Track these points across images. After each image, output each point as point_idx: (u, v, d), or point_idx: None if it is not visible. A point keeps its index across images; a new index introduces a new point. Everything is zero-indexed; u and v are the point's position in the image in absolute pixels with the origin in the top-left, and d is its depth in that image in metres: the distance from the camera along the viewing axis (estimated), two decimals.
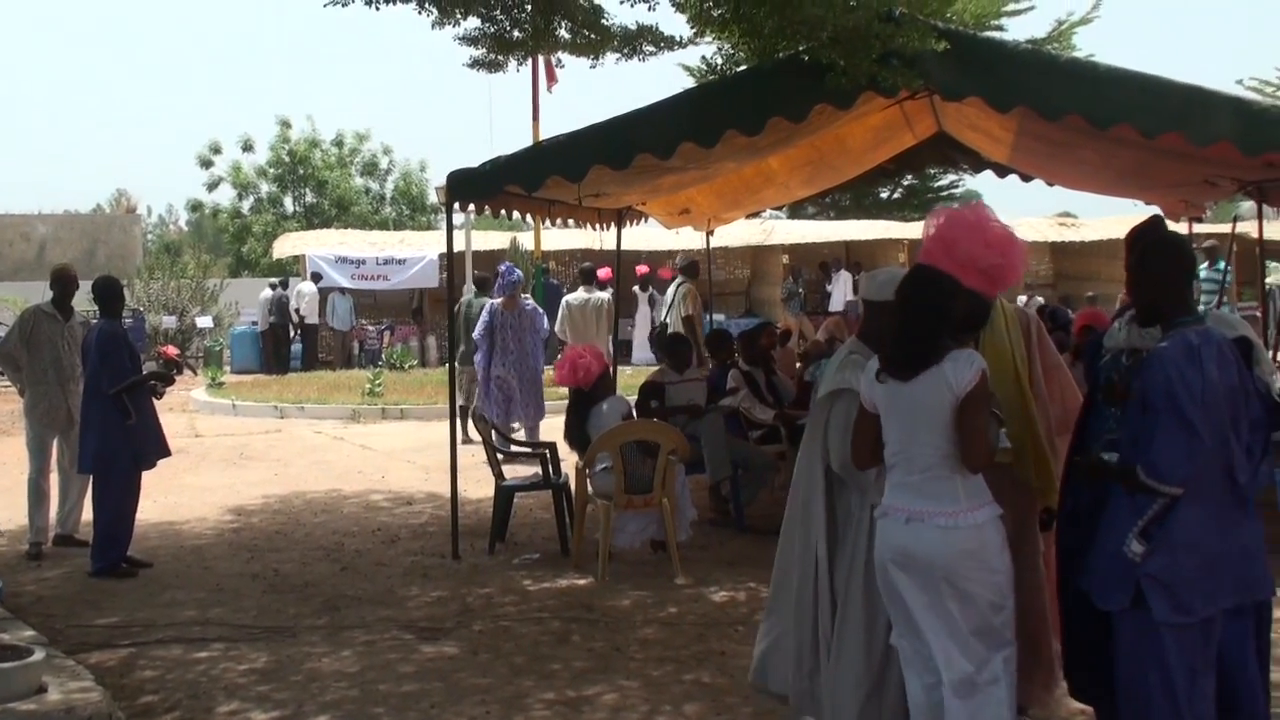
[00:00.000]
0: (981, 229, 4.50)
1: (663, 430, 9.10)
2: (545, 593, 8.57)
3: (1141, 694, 4.53)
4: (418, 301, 30.27)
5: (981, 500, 4.49)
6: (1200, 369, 4.42)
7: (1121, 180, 13.54)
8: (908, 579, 4.54)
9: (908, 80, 8.09)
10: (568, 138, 9.08)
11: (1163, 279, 4.69)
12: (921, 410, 4.45)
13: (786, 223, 32.83)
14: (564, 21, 9.16)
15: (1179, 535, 4.46)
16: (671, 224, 15.54)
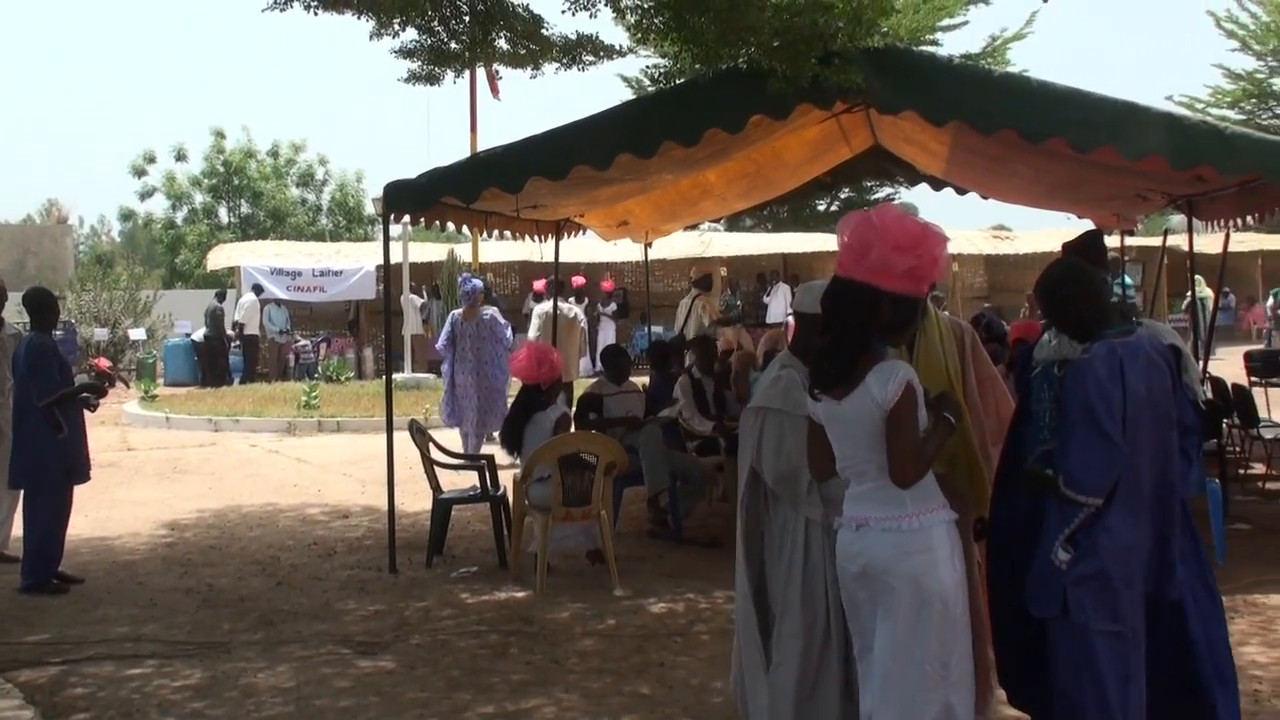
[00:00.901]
0: (890, 232, 4.43)
1: (601, 442, 9.10)
2: (483, 605, 8.53)
3: (1076, 702, 4.58)
4: (354, 313, 30.12)
5: (931, 505, 4.49)
6: (1120, 379, 4.48)
7: (1055, 194, 13.71)
8: (862, 586, 4.54)
9: (850, 78, 8.11)
10: (505, 149, 9.06)
11: (1071, 300, 4.77)
12: (854, 425, 4.46)
13: (724, 235, 32.97)
14: (503, 32, 9.16)
15: (1106, 543, 4.52)
16: (610, 236, 15.56)
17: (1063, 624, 4.59)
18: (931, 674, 4.44)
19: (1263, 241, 34.82)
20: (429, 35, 9.06)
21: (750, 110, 8.46)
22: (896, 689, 4.45)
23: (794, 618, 5.05)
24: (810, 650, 5.01)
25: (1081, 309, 4.76)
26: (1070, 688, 4.59)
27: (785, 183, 14.79)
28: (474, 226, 11.98)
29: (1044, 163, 10.55)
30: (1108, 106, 8.25)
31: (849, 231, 4.54)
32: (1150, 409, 4.54)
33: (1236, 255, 28.68)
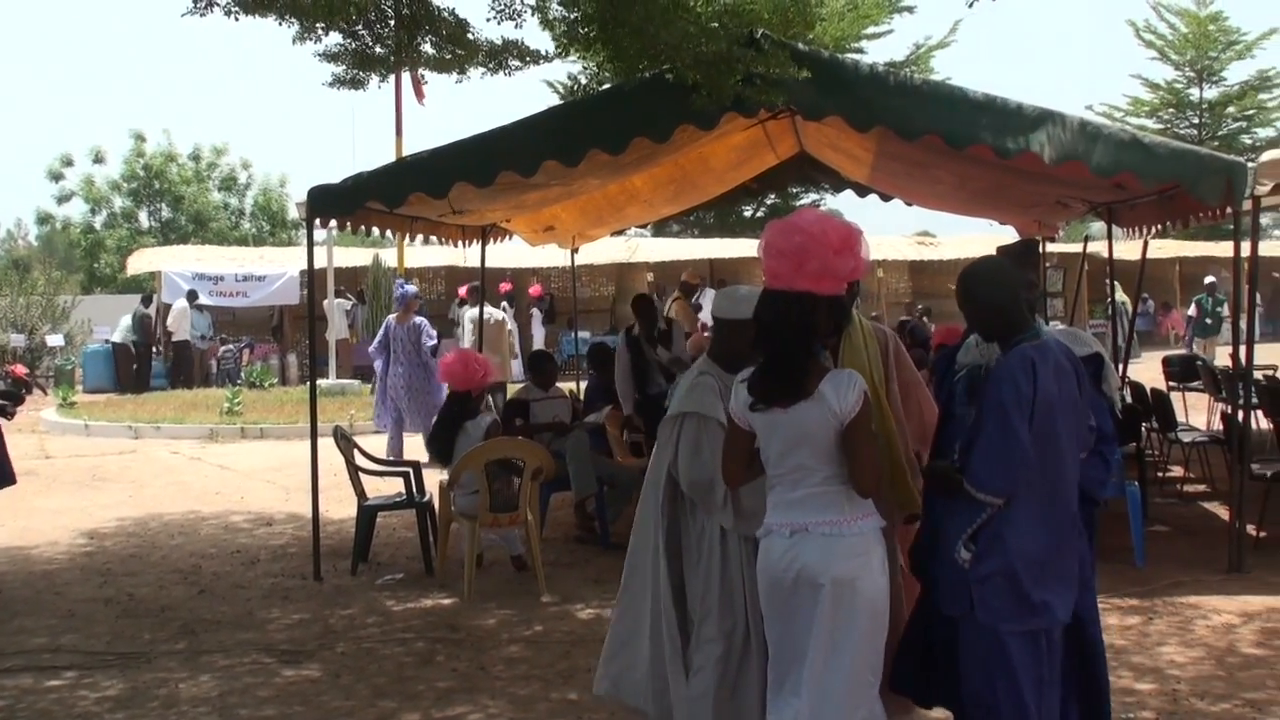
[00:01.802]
0: (827, 237, 4.43)
1: (527, 448, 9.08)
2: (409, 613, 8.47)
3: (989, 703, 4.60)
4: (278, 319, 29.84)
5: (865, 511, 4.51)
6: (1034, 383, 4.52)
7: (977, 200, 13.87)
8: (794, 593, 4.51)
9: (771, 98, 8.18)
10: (430, 154, 9.02)
11: (988, 305, 4.79)
12: (804, 434, 4.42)
13: (651, 240, 33.04)
14: (428, 37, 9.10)
15: (1014, 543, 4.54)
16: (536, 241, 15.54)
17: (973, 622, 4.62)
18: (865, 679, 4.47)
19: (1181, 248, 35.45)
20: (353, 39, 8.97)
21: (677, 119, 8.49)
22: (833, 695, 4.45)
23: (713, 623, 5.05)
24: (730, 655, 5.02)
25: (1001, 309, 4.77)
26: (983, 688, 4.61)
27: (712, 188, 14.86)
28: (399, 231, 11.91)
29: (967, 169, 10.68)
30: (1029, 114, 8.38)
31: (780, 241, 4.50)
32: (1059, 413, 4.57)
33: (1155, 262, 29.14)
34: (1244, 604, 8.03)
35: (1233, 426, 9.75)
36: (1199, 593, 8.31)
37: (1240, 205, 8.63)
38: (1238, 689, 6.45)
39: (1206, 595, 8.24)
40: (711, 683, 5.02)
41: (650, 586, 5.31)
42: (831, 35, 23.45)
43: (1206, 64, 37.49)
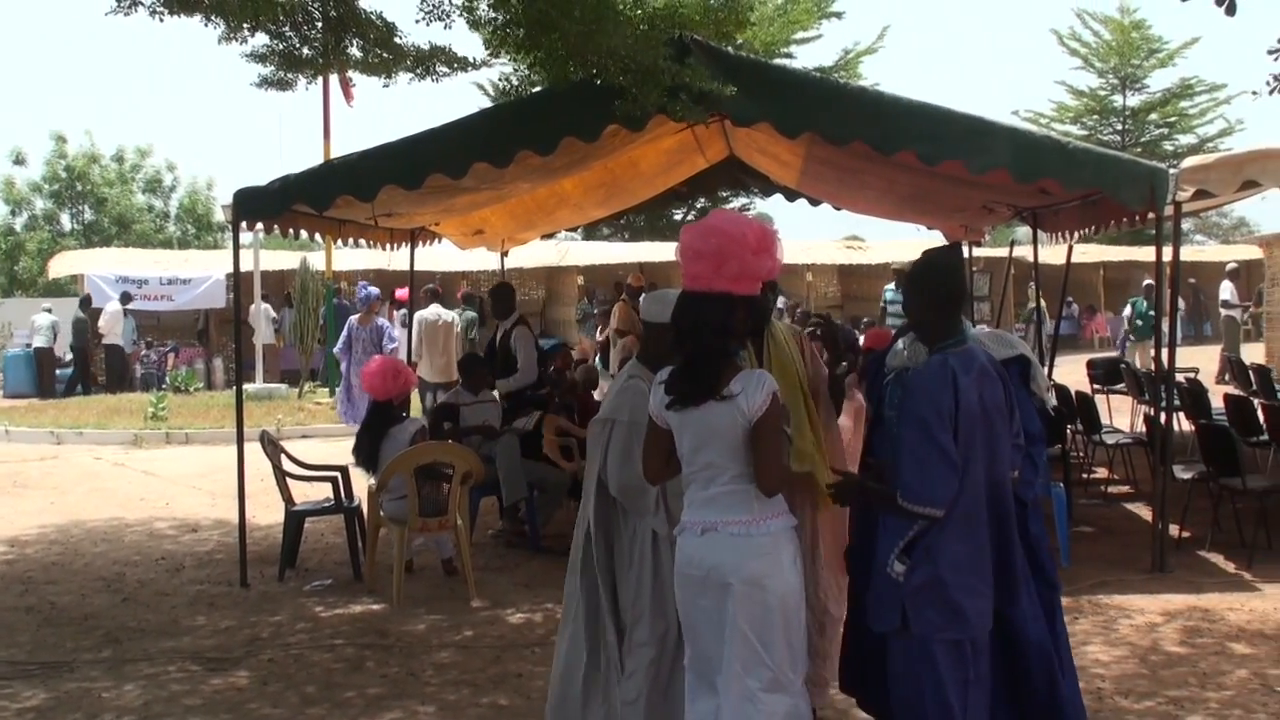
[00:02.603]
0: (745, 238, 4.45)
1: (457, 452, 9.03)
2: (338, 619, 8.41)
3: (917, 709, 4.63)
4: (203, 322, 29.50)
5: (776, 510, 4.53)
6: (954, 392, 4.53)
7: (905, 205, 14.00)
8: (704, 592, 4.54)
9: (696, 115, 8.23)
10: (359, 156, 8.96)
11: (930, 301, 4.81)
12: (714, 432, 4.46)
13: (581, 244, 33.04)
14: (355, 40, 9.04)
15: (942, 552, 4.55)
16: (465, 244, 15.49)
17: (903, 635, 4.63)
18: (781, 677, 4.48)
19: (1104, 253, 35.99)
20: (280, 41, 8.90)
21: (606, 120, 8.49)
22: (744, 690, 4.47)
23: (645, 627, 5.06)
24: (662, 659, 5.02)
25: (943, 305, 4.79)
26: (911, 694, 4.64)
27: (642, 192, 14.88)
28: (327, 234, 11.82)
29: (894, 174, 10.77)
30: (955, 120, 8.46)
31: (697, 243, 4.52)
32: (983, 420, 4.58)
33: (1079, 266, 29.48)
34: (1166, 603, 8.15)
35: (1155, 429, 9.90)
36: (1123, 592, 8.43)
37: (1162, 210, 8.76)
38: (1160, 687, 6.54)
39: (1130, 594, 8.36)
40: (644, 686, 5.03)
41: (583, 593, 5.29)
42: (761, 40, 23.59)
43: (1129, 71, 38.09)
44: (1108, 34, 37.98)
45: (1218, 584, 8.64)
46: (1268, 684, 6.55)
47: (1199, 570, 9.03)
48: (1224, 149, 24.30)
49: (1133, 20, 37.80)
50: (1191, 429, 10.95)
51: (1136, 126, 38.65)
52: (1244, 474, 9.29)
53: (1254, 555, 9.18)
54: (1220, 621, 7.73)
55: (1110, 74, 38.50)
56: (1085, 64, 38.82)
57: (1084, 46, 38.45)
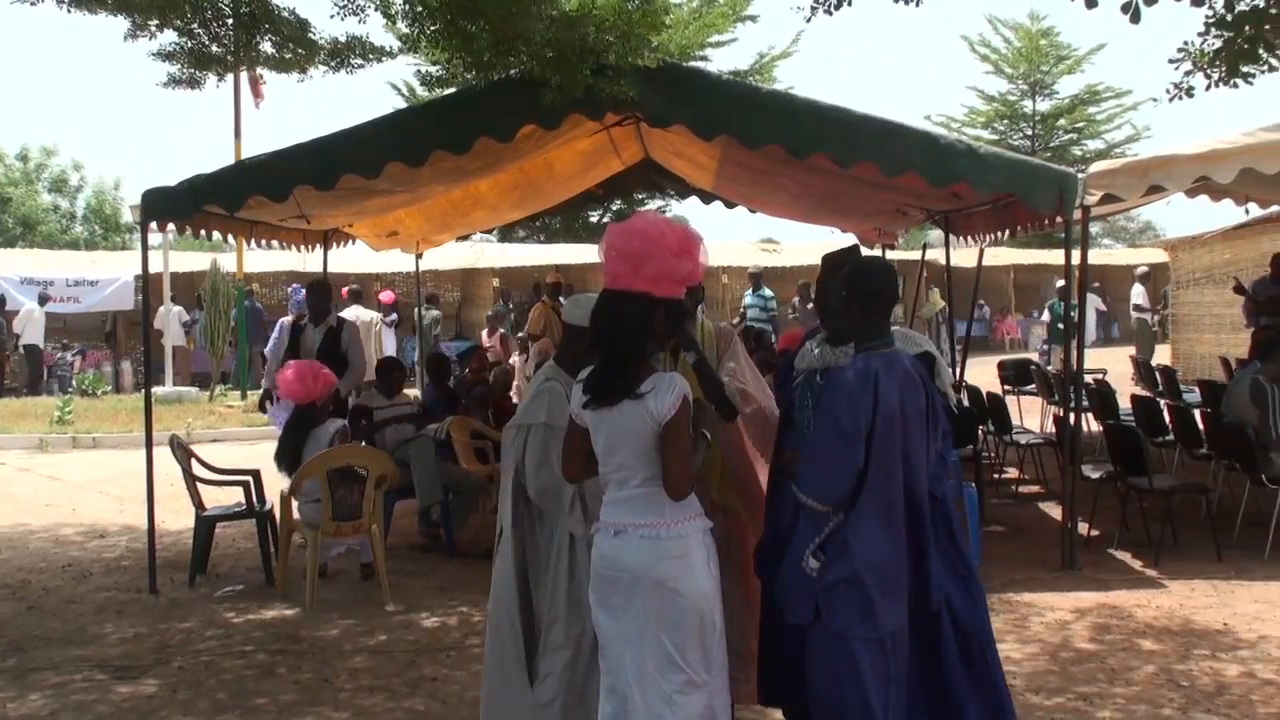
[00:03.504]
0: (665, 239, 4.44)
1: (371, 455, 8.95)
2: (249, 625, 8.30)
3: (836, 704, 4.65)
4: (111, 325, 29.02)
5: (689, 513, 4.53)
6: (874, 394, 4.57)
7: (819, 208, 14.10)
8: (617, 592, 4.53)
9: (623, 90, 8.17)
10: (271, 156, 8.86)
11: (859, 303, 4.85)
12: (626, 434, 4.46)
13: (497, 246, 32.94)
14: (268, 36, 8.93)
15: (859, 550, 4.59)
16: (380, 246, 15.38)
17: (819, 630, 4.67)
18: (694, 678, 4.48)
19: (1015, 256, 36.49)
20: (189, 38, 8.77)
21: (522, 119, 8.46)
22: (659, 693, 4.46)
23: (560, 630, 5.04)
24: (577, 662, 5.01)
25: (871, 309, 4.83)
26: (831, 692, 4.66)
27: (557, 194, 14.86)
28: (239, 235, 11.67)
29: (809, 177, 10.84)
30: (869, 124, 8.53)
31: (619, 243, 4.51)
32: (903, 422, 4.63)
33: (991, 269, 29.90)
34: (1076, 600, 8.27)
35: (1064, 429, 10.05)
36: (1034, 590, 8.53)
37: (1071, 214, 8.89)
38: (1071, 683, 6.63)
39: (1041, 592, 8.47)
40: (559, 689, 5.01)
41: (504, 597, 5.26)
42: (677, 43, 23.61)
43: (1039, 77, 38.68)
44: (1017, 40, 38.54)
45: (1125, 581, 8.79)
46: (1174, 679, 6.66)
47: (1107, 568, 9.18)
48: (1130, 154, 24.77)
49: (1041, 27, 38.40)
50: (1100, 429, 11.13)
51: (1046, 131, 39.26)
52: (1150, 473, 9.44)
53: (1160, 553, 9.33)
54: (1128, 618, 7.86)
55: (1020, 80, 39.08)
56: (996, 70, 39.38)
57: (994, 53, 39.00)
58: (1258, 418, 9.73)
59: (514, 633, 5.15)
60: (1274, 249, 18.71)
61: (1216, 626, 7.66)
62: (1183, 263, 25.36)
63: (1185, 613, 7.96)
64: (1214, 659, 7.01)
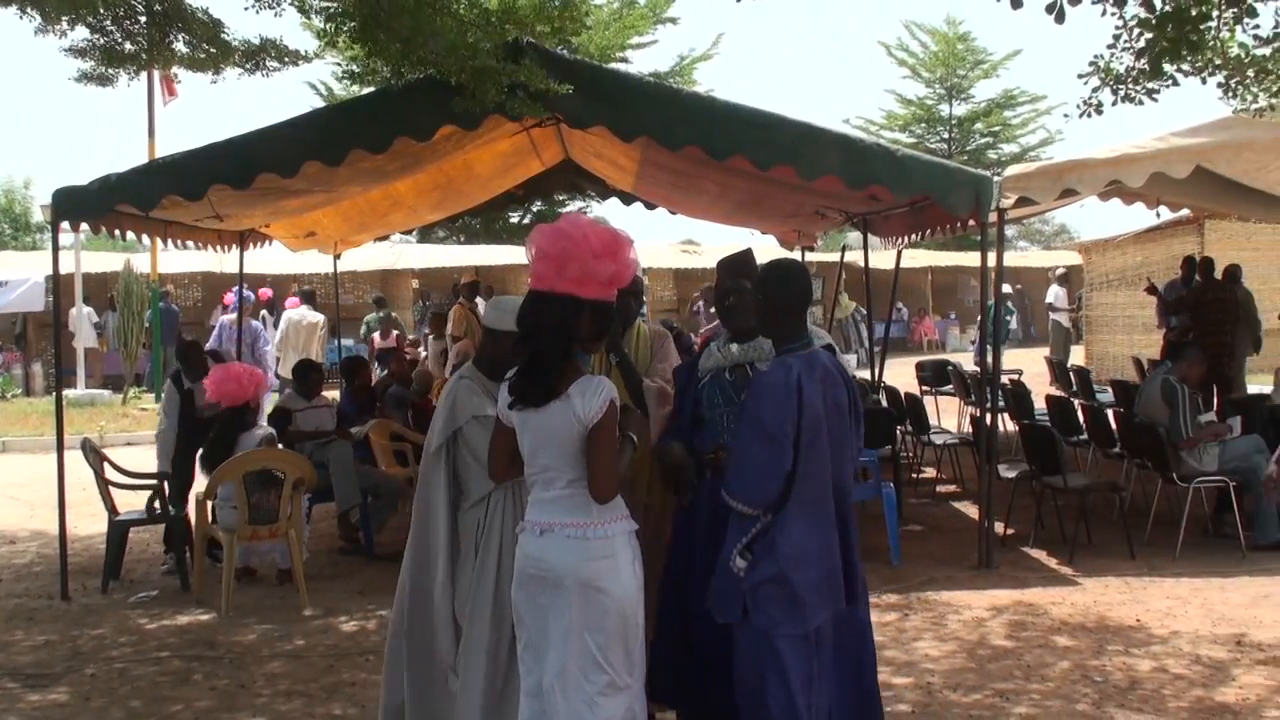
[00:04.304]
0: (589, 241, 4.45)
1: (288, 458, 8.86)
2: (164, 631, 8.18)
3: (761, 703, 4.68)
4: (21, 326, 28.46)
5: (615, 514, 4.53)
6: (797, 393, 4.61)
7: (739, 210, 14.15)
8: (541, 591, 4.52)
9: (533, 111, 8.20)
10: (186, 155, 8.73)
11: (777, 305, 4.88)
12: (552, 436, 4.45)
13: (416, 247, 32.73)
14: (181, 34, 8.82)
15: (785, 549, 4.62)
16: (297, 247, 15.22)
17: (747, 629, 4.69)
18: (616, 679, 4.48)
19: (933, 258, 36.89)
20: (101, 35, 8.64)
21: (441, 120, 8.41)
22: (581, 694, 4.46)
23: (482, 627, 5.02)
24: (498, 659, 4.99)
25: (789, 310, 4.88)
26: (755, 689, 4.69)
27: (477, 195, 14.79)
28: (153, 235, 11.49)
29: (729, 180, 10.88)
30: (787, 127, 8.58)
31: (544, 243, 4.51)
32: (826, 421, 4.68)
33: (909, 271, 30.23)
34: (993, 598, 8.36)
35: (981, 429, 10.16)
36: (951, 588, 8.62)
37: (987, 217, 9.00)
38: (988, 680, 6.70)
39: (958, 590, 8.56)
40: (479, 688, 4.99)
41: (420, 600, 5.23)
42: (597, 44, 23.63)
43: (955, 82, 39.10)
44: (934, 45, 38.94)
45: (1041, 579, 8.90)
46: (1088, 674, 6.76)
47: (1023, 566, 9.29)
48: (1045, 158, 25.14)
49: (958, 32, 38.82)
50: (1016, 429, 11.27)
51: (962, 135, 39.69)
52: (1065, 472, 9.58)
53: (1075, 551, 9.46)
54: (1044, 615, 7.96)
55: (937, 84, 39.47)
56: (913, 74, 39.76)
57: (912, 57, 39.37)
58: (1169, 417, 9.90)
59: (436, 633, 5.13)
60: (1184, 251, 19.16)
61: (1129, 623, 7.78)
62: (1096, 265, 25.81)
63: (1099, 609, 8.08)
64: (1127, 654, 7.12)
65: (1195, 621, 7.78)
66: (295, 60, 8.96)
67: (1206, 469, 9.57)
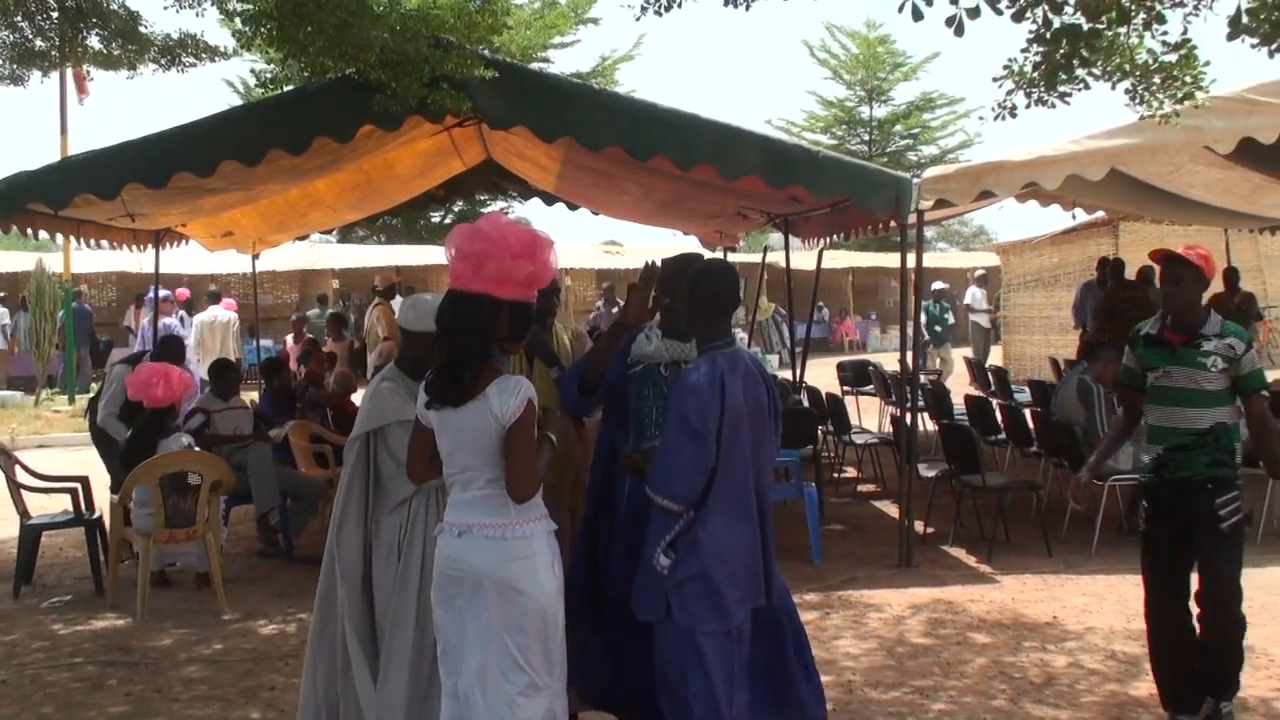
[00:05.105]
0: (506, 241, 4.44)
1: (206, 460, 8.74)
2: (78, 636, 8.04)
3: (683, 699, 4.70)
4: None
5: (534, 515, 4.52)
6: (721, 391, 4.65)
7: (662, 211, 14.18)
8: (460, 593, 4.50)
9: (457, 104, 8.15)
10: (99, 153, 8.59)
11: (702, 304, 4.91)
12: (469, 436, 4.44)
13: (336, 246, 32.48)
14: (95, 31, 8.69)
15: (708, 546, 4.66)
16: (214, 246, 15.04)
17: (670, 626, 4.71)
18: (536, 680, 4.47)
19: (853, 259, 37.17)
20: (12, 31, 8.50)
21: (361, 120, 8.35)
22: (501, 694, 4.44)
23: (406, 631, 5.00)
24: (421, 664, 4.97)
25: (716, 309, 4.92)
26: (678, 687, 4.71)
27: (397, 194, 14.72)
28: (66, 234, 11.30)
29: (651, 180, 10.90)
30: (709, 128, 8.61)
31: (462, 243, 4.49)
32: (748, 418, 4.73)
33: (830, 272, 30.41)
34: (912, 596, 8.44)
35: (901, 429, 10.25)
36: (872, 587, 8.69)
37: (906, 218, 9.08)
38: (907, 677, 6.76)
39: (878, 589, 8.63)
40: (403, 691, 4.97)
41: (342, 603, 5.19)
42: (518, 44, 23.52)
43: (876, 84, 39.38)
44: (855, 47, 39.21)
45: (960, 577, 8.99)
46: (1005, 671, 6.84)
47: (943, 564, 9.39)
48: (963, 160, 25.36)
49: (878, 35, 39.12)
50: (935, 429, 11.38)
51: (882, 137, 39.99)
52: (984, 471, 9.68)
53: (993, 549, 9.57)
54: (962, 613, 8.05)
55: (858, 86, 39.73)
56: (834, 75, 39.99)
57: (833, 58, 39.61)
58: (1085, 416, 10.04)
59: (356, 634, 5.10)
60: (1100, 252, 19.48)
61: (1046, 619, 7.89)
62: (1014, 266, 26.14)
63: (1016, 607, 8.18)
64: (1043, 651, 7.22)
65: (1110, 617, 7.89)
66: (213, 56, 8.88)
67: (1122, 467, 9.71)
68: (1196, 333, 5.67)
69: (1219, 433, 5.62)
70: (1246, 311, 15.12)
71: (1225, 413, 5.66)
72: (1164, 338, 5.77)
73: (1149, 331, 5.87)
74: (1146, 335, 5.88)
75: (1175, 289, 5.72)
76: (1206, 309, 5.78)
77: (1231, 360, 5.61)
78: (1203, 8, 6.35)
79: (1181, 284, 5.70)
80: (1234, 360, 5.61)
